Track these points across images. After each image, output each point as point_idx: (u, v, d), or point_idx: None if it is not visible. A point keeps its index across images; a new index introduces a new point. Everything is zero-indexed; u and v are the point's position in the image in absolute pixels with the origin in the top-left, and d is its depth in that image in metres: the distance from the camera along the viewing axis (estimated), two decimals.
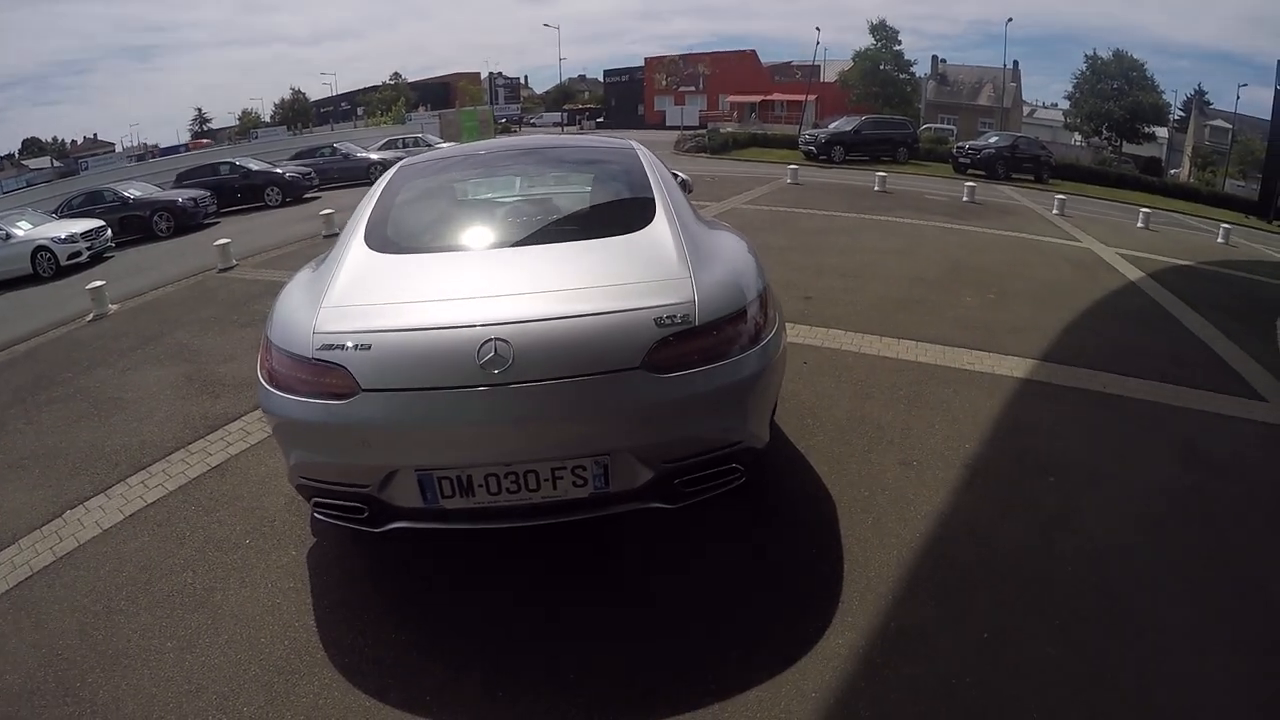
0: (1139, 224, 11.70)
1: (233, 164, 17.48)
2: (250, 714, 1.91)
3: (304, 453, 2.09)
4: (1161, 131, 41.93)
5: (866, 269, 6.39)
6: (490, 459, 1.98)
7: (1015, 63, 43.33)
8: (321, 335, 2.00)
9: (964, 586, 2.27)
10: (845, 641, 2.05)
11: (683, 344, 2.00)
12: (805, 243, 7.73)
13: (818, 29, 63.15)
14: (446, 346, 1.93)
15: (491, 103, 52.54)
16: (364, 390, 1.92)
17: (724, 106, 47.83)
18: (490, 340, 1.90)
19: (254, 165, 17.42)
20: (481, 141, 4.52)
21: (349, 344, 1.95)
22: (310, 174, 17.64)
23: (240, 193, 16.61)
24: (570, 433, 1.99)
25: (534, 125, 50.23)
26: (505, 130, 42.48)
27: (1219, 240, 11.62)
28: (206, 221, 14.46)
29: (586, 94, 61.24)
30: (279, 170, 17.29)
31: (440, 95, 56.84)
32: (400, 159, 3.61)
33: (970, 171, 19.36)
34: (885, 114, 28.87)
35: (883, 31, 37.98)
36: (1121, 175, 26.74)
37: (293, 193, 16.65)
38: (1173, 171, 37.01)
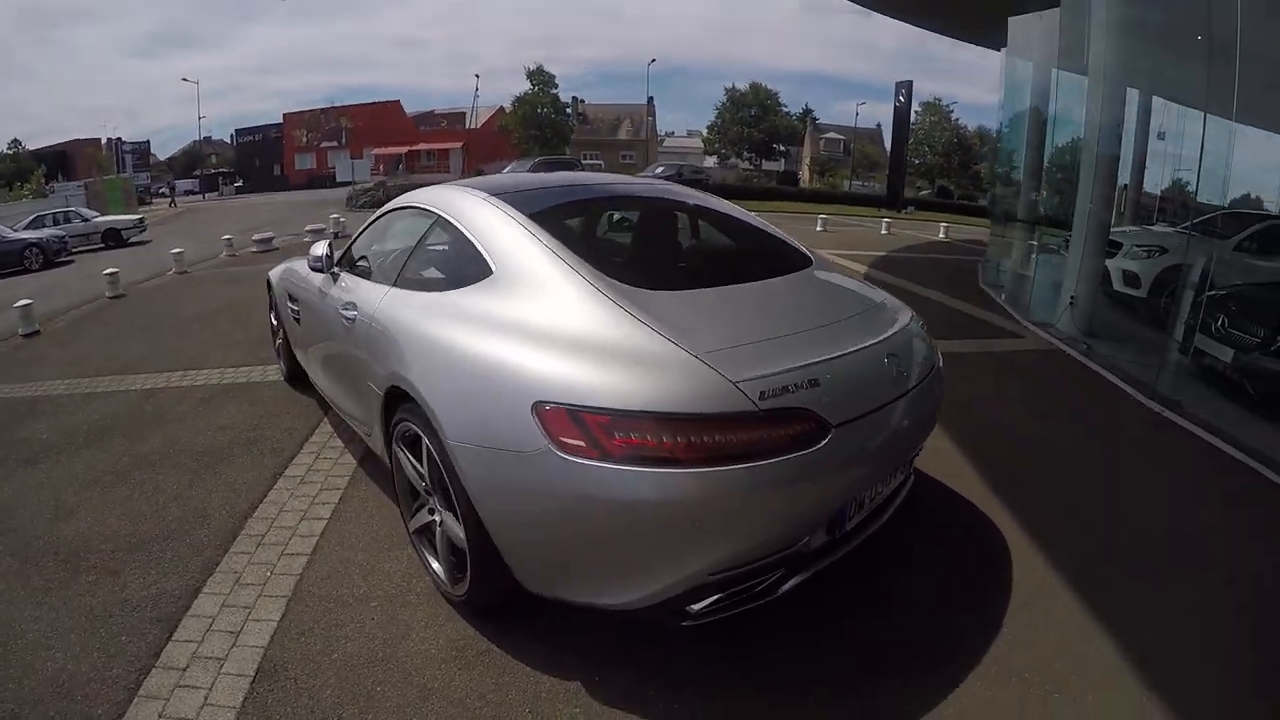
0: (819, 228, 14.63)
1: None
2: None
3: (736, 535, 1.73)
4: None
5: None
6: (891, 467, 2.16)
7: (650, 99, 50.29)
8: (753, 382, 1.72)
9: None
10: None
11: (934, 350, 2.46)
12: None
13: (477, 76, 65.10)
14: (869, 364, 2.01)
15: (119, 170, 43.47)
16: (836, 427, 1.81)
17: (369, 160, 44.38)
18: (890, 355, 2.08)
19: None
20: (569, 174, 3.92)
21: (792, 384, 1.78)
22: None
23: None
24: (923, 430, 2.30)
25: (165, 195, 42.25)
26: (142, 201, 34.99)
27: (883, 232, 14.66)
28: None
29: (214, 157, 52.99)
30: None
31: (62, 164, 46.13)
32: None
33: None
34: (553, 154, 31.27)
35: (540, 76, 40.77)
36: (768, 189, 31.39)
37: None
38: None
